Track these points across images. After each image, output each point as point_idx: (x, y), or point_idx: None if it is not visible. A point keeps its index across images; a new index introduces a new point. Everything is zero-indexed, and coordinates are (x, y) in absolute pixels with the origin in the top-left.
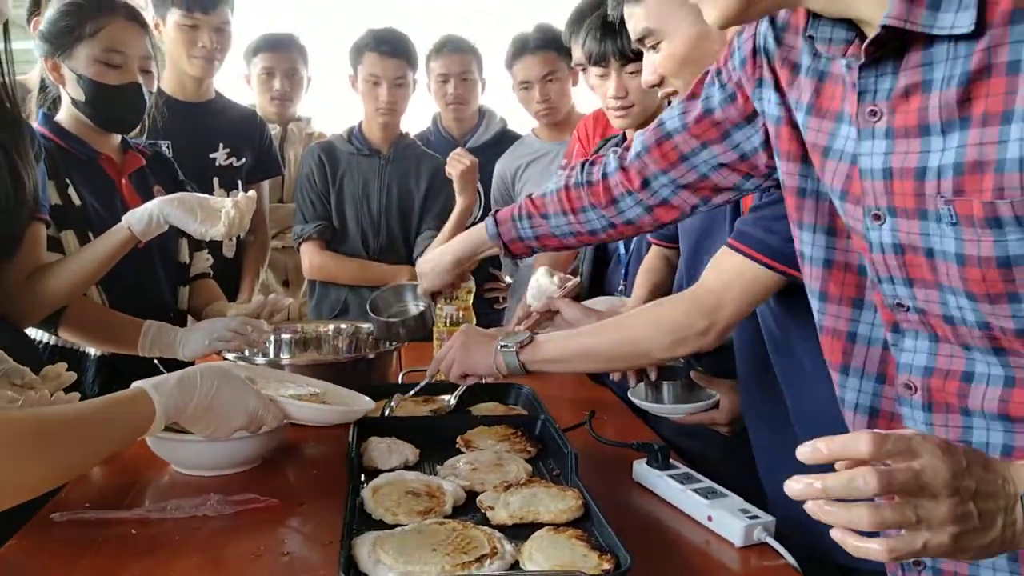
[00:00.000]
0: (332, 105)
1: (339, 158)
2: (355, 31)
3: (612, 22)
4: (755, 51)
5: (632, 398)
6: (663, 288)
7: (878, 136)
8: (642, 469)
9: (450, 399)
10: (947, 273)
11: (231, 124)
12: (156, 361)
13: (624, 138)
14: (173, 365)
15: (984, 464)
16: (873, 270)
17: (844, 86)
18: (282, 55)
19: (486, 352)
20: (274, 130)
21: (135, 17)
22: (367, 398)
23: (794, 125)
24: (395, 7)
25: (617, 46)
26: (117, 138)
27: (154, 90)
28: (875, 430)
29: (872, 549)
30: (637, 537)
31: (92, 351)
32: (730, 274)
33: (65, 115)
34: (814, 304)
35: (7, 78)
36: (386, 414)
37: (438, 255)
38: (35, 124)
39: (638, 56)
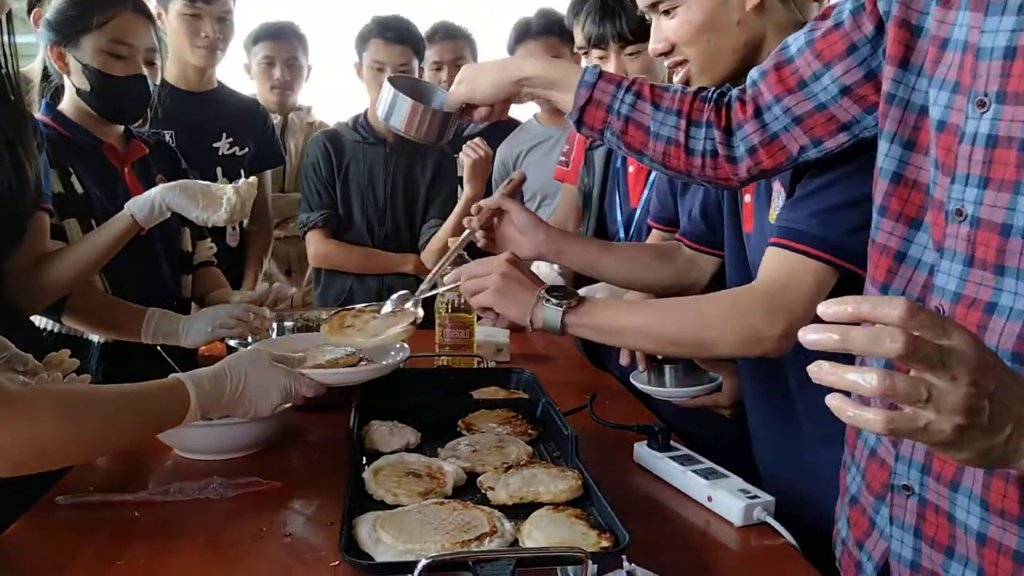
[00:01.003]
0: (331, 94)
1: (344, 147)
2: (351, 20)
3: (611, 4)
4: None
5: (634, 382)
6: None
7: (1009, 11)
8: (643, 451)
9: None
10: None
11: (233, 113)
12: (159, 348)
13: None
14: (176, 352)
15: (1011, 373)
16: (950, 167)
17: None
18: (282, 44)
19: (524, 300)
20: (275, 119)
21: (142, 9)
22: (405, 348)
23: (904, 25)
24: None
25: (616, 28)
26: (120, 128)
27: (158, 82)
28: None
29: (869, 419)
30: (637, 517)
31: (96, 338)
32: (799, 276)
33: (68, 104)
34: (873, 218)
35: (11, 70)
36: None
37: (500, 66)
38: (38, 113)
39: (637, 38)
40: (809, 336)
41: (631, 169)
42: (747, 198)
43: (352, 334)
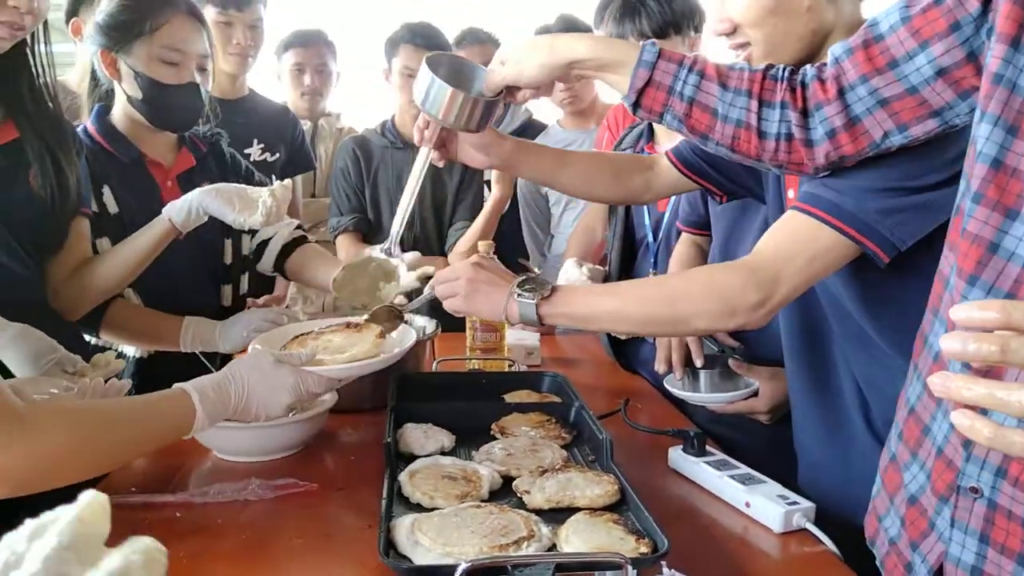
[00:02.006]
0: (357, 100)
1: (373, 152)
2: (376, 26)
3: (632, 3)
4: None
5: (668, 387)
6: None
7: None
8: (678, 456)
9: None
10: None
11: (264, 120)
12: (199, 354)
13: (650, 125)
14: (215, 358)
15: None
16: None
17: None
18: (312, 51)
19: (496, 298)
20: (305, 125)
21: (195, 13)
22: (412, 333)
23: (1019, 1)
24: (414, 4)
25: (637, 27)
26: (172, 136)
27: (209, 88)
28: None
29: (1017, 443)
30: (673, 523)
31: (131, 353)
32: (795, 242)
33: (118, 112)
34: (966, 206)
35: (48, 79)
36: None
37: (549, 45)
38: (87, 121)
39: (657, 36)
40: (951, 345)
41: None
42: (791, 193)
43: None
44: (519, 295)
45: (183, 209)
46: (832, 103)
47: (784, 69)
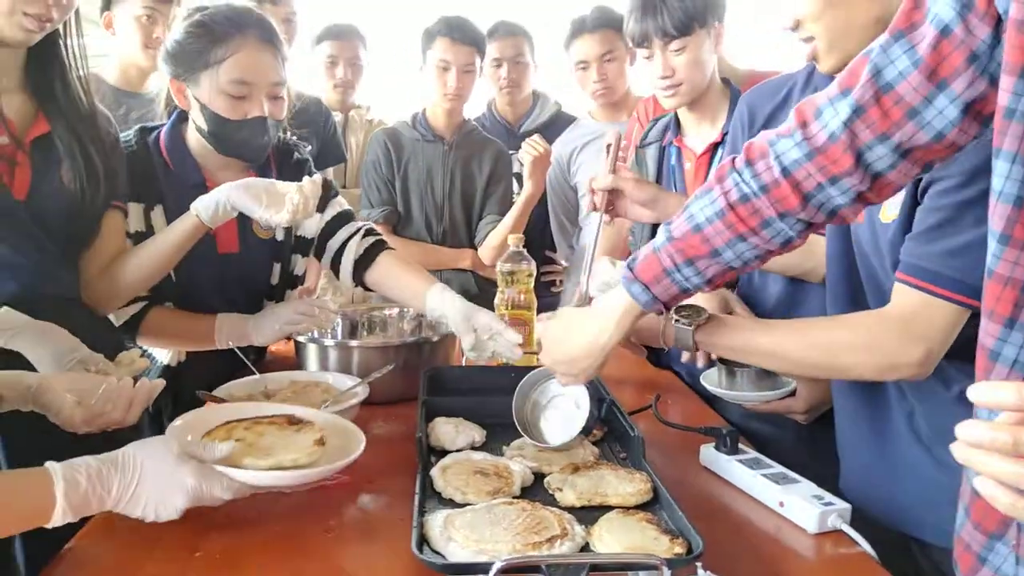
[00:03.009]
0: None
1: (404, 144)
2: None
3: (653, 1)
4: None
5: (704, 384)
6: None
7: None
8: (710, 454)
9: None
10: None
11: (298, 113)
12: (236, 349)
13: (676, 118)
14: (248, 352)
15: None
16: None
17: None
18: (345, 43)
19: (653, 318)
20: (336, 117)
21: (268, 38)
22: (362, 440)
23: None
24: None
25: (658, 24)
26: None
27: (283, 117)
28: None
29: (1002, 503)
30: (706, 522)
31: (161, 359)
32: (935, 315)
33: (191, 132)
34: (991, 246)
35: (81, 72)
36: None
37: (586, 342)
38: (162, 131)
39: (680, 33)
40: (967, 433)
41: (687, 166)
42: None
43: (239, 453)
44: (676, 320)
45: (210, 205)
46: (853, 172)
47: (743, 178)
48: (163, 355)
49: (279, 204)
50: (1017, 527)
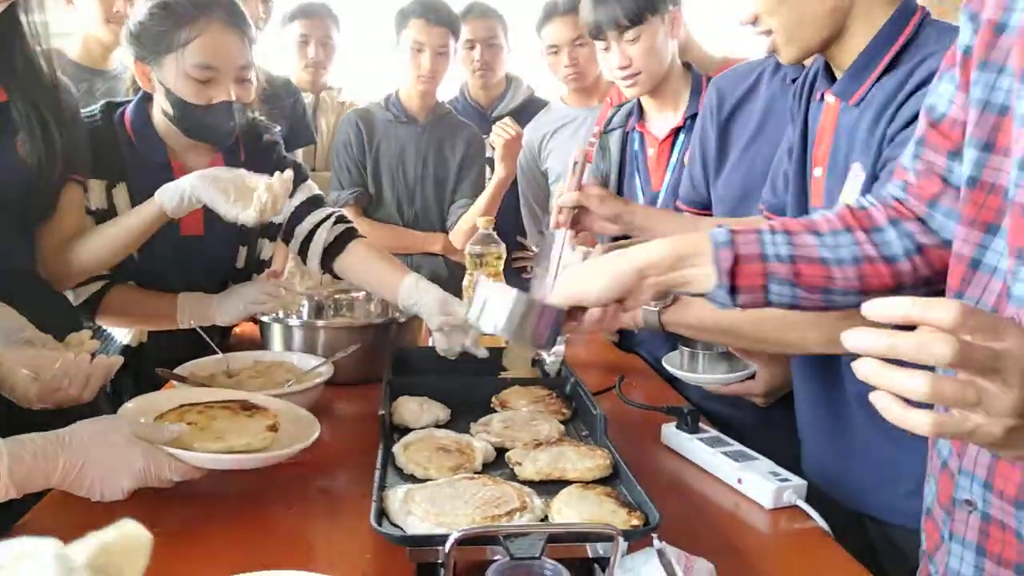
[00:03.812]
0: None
1: (376, 125)
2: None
3: None
4: None
5: (666, 365)
6: None
7: None
8: (671, 432)
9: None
10: None
11: (265, 91)
12: (199, 329)
13: (639, 104)
14: (214, 333)
15: None
16: None
17: None
18: (317, 22)
19: None
20: (307, 98)
21: (235, 20)
22: (316, 428)
23: (990, 24)
24: None
25: (610, 15)
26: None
27: (251, 99)
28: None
29: (918, 421)
30: (666, 497)
31: (120, 339)
32: None
33: (157, 112)
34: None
35: (42, 45)
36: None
37: (613, 259)
38: (127, 108)
39: (633, 22)
40: (853, 340)
41: (651, 152)
42: (817, 172)
43: (190, 436)
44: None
45: (175, 195)
46: (947, 192)
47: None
48: (123, 335)
49: (247, 200)
50: (954, 504)
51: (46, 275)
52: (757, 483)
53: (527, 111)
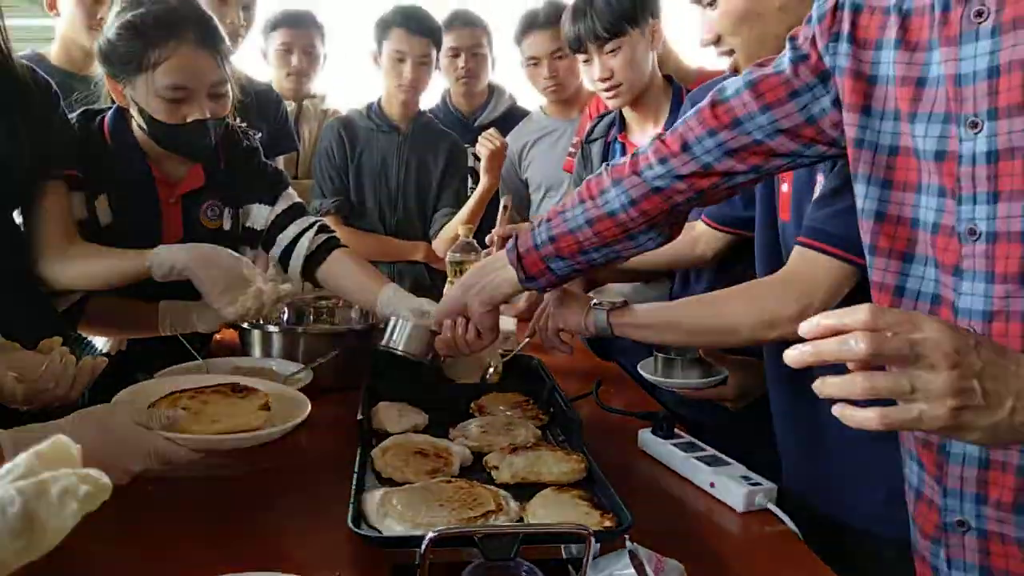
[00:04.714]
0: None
1: (358, 133)
2: (364, 9)
3: (581, 6)
4: (837, 6)
5: (642, 371)
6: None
7: (983, 36)
8: (647, 438)
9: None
10: None
11: (247, 98)
12: (180, 337)
13: (622, 115)
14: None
15: (999, 350)
16: (955, 191)
17: (930, 15)
18: (301, 31)
19: (578, 309)
20: (289, 106)
21: (207, 38)
22: (307, 405)
23: (857, 76)
24: None
25: (589, 27)
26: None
27: (226, 114)
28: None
29: (867, 417)
30: (640, 501)
31: (99, 348)
32: (818, 271)
33: (135, 124)
34: (867, 258)
35: (3, 46)
36: (487, 379)
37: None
38: (106, 117)
39: (612, 34)
40: (789, 355)
41: None
42: (784, 187)
43: (187, 422)
44: (595, 305)
45: (165, 263)
46: (677, 155)
47: (606, 165)
48: (101, 342)
49: (231, 295)
50: (945, 529)
51: (37, 274)
52: (729, 487)
53: (509, 120)
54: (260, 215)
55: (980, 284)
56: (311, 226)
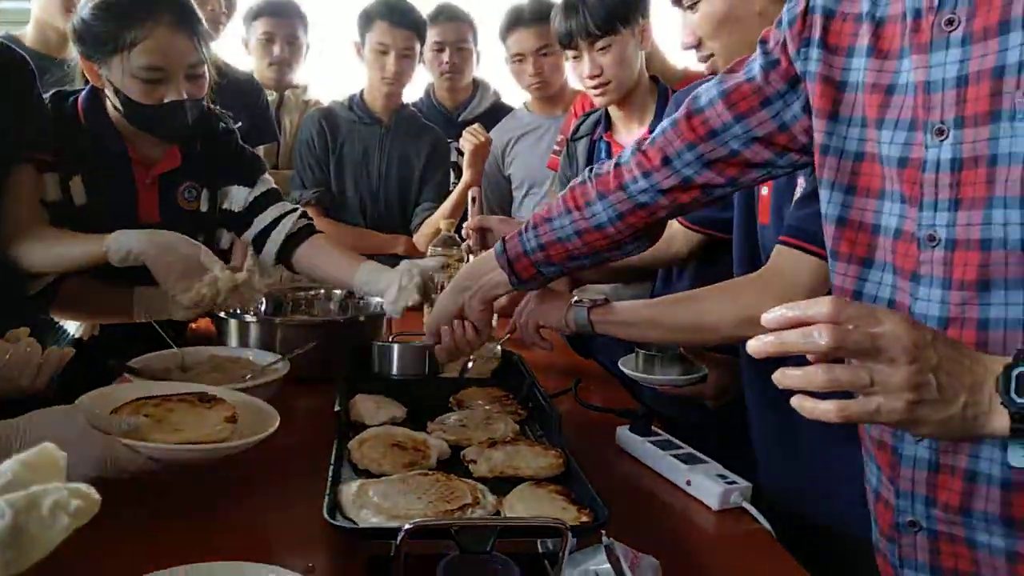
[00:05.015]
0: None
1: (339, 125)
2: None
3: (573, 2)
4: (807, 10)
5: (622, 368)
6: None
7: (953, 45)
8: (625, 435)
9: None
10: (1007, 180)
11: (227, 87)
12: (154, 324)
13: (607, 114)
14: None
15: (954, 345)
16: (917, 198)
17: (902, 23)
18: (283, 21)
19: (559, 306)
20: (271, 96)
21: (183, 19)
22: (276, 418)
23: (827, 81)
24: None
25: (581, 24)
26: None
27: (203, 95)
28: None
29: (825, 409)
30: (617, 497)
31: (72, 332)
32: (799, 269)
33: (110, 104)
34: (829, 263)
35: None
36: (465, 374)
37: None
38: (80, 98)
39: (604, 32)
40: (751, 345)
41: None
42: (764, 191)
43: (148, 428)
44: (576, 302)
45: (122, 249)
46: (659, 170)
47: (591, 170)
48: (73, 328)
49: (187, 283)
50: (898, 529)
51: (5, 256)
52: (704, 485)
53: (493, 116)
54: (239, 197)
55: (937, 290)
56: (293, 210)
